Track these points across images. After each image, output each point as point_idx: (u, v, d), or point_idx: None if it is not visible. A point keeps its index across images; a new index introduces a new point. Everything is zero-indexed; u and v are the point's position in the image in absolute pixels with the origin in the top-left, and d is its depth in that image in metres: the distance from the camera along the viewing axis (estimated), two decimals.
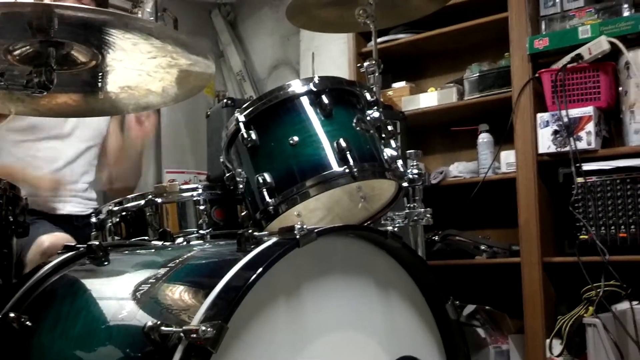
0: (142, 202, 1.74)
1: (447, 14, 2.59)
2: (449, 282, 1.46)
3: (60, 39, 1.33)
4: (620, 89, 2.48)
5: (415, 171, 1.84)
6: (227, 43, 4.34)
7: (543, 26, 2.67)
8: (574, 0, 2.61)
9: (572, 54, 2.47)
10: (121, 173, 2.34)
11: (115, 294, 1.27)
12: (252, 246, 1.21)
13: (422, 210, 1.84)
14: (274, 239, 1.22)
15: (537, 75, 2.60)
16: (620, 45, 2.38)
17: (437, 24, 2.90)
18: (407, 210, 1.83)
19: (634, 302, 2.20)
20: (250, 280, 1.09)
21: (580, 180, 2.40)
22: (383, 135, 1.64)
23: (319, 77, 1.60)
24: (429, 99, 3.00)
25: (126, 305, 1.19)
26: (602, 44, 2.41)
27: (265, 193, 1.51)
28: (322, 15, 2.15)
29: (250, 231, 1.23)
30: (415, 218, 1.83)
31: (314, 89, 1.58)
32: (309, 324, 1.23)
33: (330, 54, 3.65)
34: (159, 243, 1.58)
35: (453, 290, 1.47)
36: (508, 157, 2.73)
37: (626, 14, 2.49)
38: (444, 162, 3.10)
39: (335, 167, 1.51)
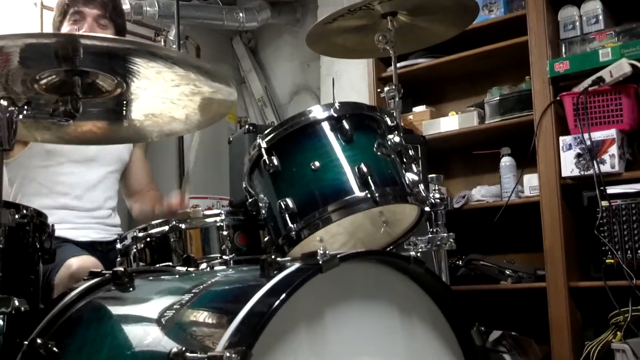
0: (166, 228, 1.75)
1: (467, 38, 2.60)
2: (473, 308, 1.45)
3: (85, 68, 1.36)
4: None
5: (437, 195, 1.83)
6: (249, 69, 4.39)
7: (563, 49, 2.67)
8: (594, 23, 2.62)
9: (594, 77, 2.47)
10: (143, 210, 2.33)
11: (141, 320, 1.28)
12: (275, 272, 1.21)
13: (445, 234, 1.83)
14: (296, 265, 1.22)
15: (558, 98, 2.59)
16: None
17: (457, 48, 2.91)
18: (430, 235, 1.82)
19: None
20: (274, 306, 1.09)
21: (605, 203, 2.38)
22: (404, 160, 1.64)
23: (339, 102, 1.61)
24: (450, 122, 3.00)
25: (151, 331, 1.20)
26: (623, 67, 2.40)
27: (288, 218, 1.51)
28: (342, 42, 2.17)
29: (273, 257, 1.24)
30: (438, 243, 1.82)
31: (335, 115, 1.59)
32: (331, 349, 1.22)
33: (351, 79, 3.68)
34: (183, 269, 1.59)
35: (478, 315, 1.45)
36: (531, 180, 2.71)
37: None
38: (466, 186, 3.08)
39: (357, 192, 1.51)
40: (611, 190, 2.38)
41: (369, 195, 1.50)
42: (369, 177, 1.51)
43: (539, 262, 2.63)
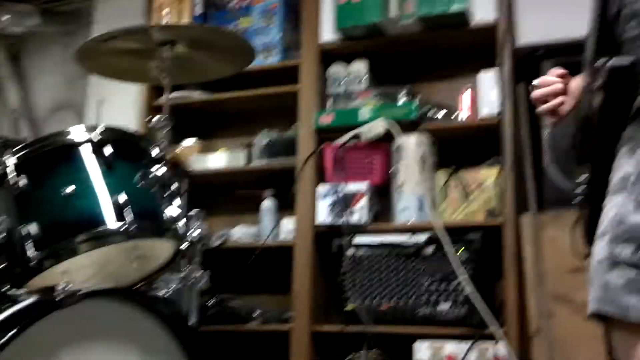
0: None
1: (244, 78, 2.65)
2: (222, 349, 1.45)
3: None
4: (392, 169, 2.69)
5: (196, 233, 1.82)
6: (6, 77, 4.03)
7: (330, 103, 2.83)
8: (358, 83, 2.81)
9: (351, 133, 2.64)
10: None
11: None
12: (7, 305, 1.10)
13: (199, 273, 1.81)
14: (32, 299, 1.12)
15: (320, 148, 2.73)
16: (394, 129, 2.60)
17: (234, 86, 2.93)
18: (183, 273, 1.79)
19: None
20: (0, 343, 0.98)
21: (350, 252, 2.54)
22: (167, 194, 1.61)
23: (104, 126, 1.54)
24: (217, 160, 3.00)
25: None
26: (378, 127, 2.60)
27: (28, 246, 1.38)
28: (116, 63, 2.09)
29: (4, 289, 1.12)
30: (192, 281, 1.79)
31: (96, 139, 1.51)
32: None
33: (121, 103, 3.53)
34: None
35: (224, 357, 1.45)
36: (288, 224, 2.80)
37: (402, 101, 2.72)
38: (228, 225, 3.09)
39: (111, 223, 1.44)
40: (356, 240, 2.55)
41: (123, 228, 1.43)
42: (126, 209, 1.45)
43: (289, 305, 2.70)
